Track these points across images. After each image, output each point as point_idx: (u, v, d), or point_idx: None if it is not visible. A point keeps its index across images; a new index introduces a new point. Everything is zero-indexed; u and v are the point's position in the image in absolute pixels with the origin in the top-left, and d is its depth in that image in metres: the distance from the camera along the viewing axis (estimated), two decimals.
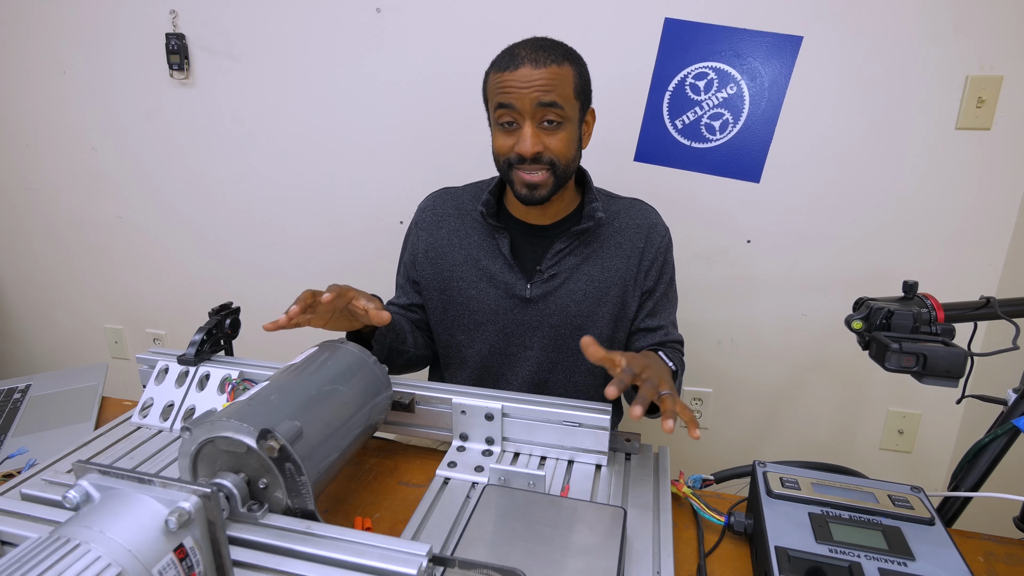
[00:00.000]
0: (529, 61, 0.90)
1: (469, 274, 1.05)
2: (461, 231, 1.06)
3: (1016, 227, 1.39)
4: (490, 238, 1.04)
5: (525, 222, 1.05)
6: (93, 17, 1.71)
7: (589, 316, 1.03)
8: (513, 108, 0.91)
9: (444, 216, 1.08)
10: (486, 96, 0.98)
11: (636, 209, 1.07)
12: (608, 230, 1.04)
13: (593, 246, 1.03)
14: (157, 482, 0.49)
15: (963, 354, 0.73)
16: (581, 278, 1.02)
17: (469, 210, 1.07)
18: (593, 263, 1.03)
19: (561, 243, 1.02)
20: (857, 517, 0.65)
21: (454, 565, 0.52)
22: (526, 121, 0.92)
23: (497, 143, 0.96)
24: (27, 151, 1.91)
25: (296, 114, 1.68)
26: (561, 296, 1.02)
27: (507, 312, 1.04)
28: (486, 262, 1.04)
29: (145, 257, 1.95)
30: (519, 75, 0.90)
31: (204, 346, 0.91)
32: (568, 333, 1.04)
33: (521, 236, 1.05)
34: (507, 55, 0.93)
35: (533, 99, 0.90)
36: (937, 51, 1.32)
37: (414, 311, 1.14)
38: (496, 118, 0.94)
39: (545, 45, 0.93)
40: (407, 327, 1.09)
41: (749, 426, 1.69)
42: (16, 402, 1.02)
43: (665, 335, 1.07)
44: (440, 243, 1.07)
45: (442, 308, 1.08)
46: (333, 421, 0.67)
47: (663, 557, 0.64)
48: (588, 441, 0.80)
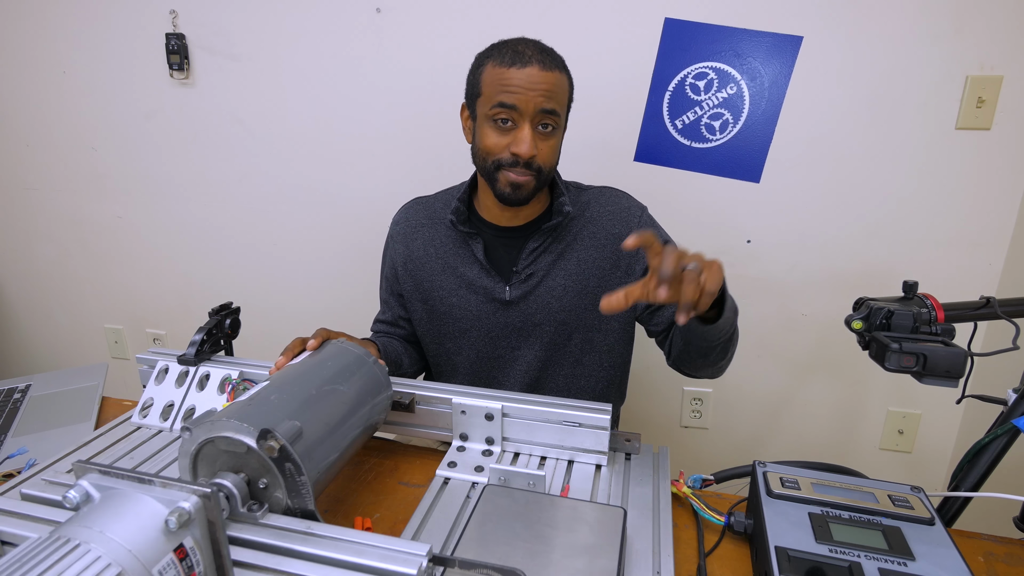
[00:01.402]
0: (537, 62, 0.89)
1: (448, 282, 1.04)
2: (436, 240, 1.05)
3: (1016, 227, 1.39)
4: (464, 245, 1.03)
5: (498, 225, 1.03)
6: (93, 17, 1.71)
7: (572, 310, 1.02)
8: (515, 109, 0.89)
9: (417, 226, 1.08)
10: (479, 89, 0.94)
11: (606, 197, 1.05)
12: (580, 222, 1.03)
13: (567, 240, 1.02)
14: (157, 482, 0.49)
15: (963, 354, 0.73)
16: (559, 274, 1.01)
17: (441, 218, 1.06)
18: (569, 258, 1.02)
19: (534, 242, 1.01)
20: (857, 517, 0.65)
21: (454, 565, 0.52)
22: (525, 123, 0.90)
23: (489, 141, 0.93)
24: (27, 151, 1.91)
25: (296, 114, 1.68)
26: (541, 294, 1.02)
27: (490, 316, 1.03)
28: (463, 269, 1.03)
29: (145, 257, 1.95)
30: (527, 74, 0.88)
31: (204, 346, 0.91)
32: (554, 330, 1.03)
33: (495, 239, 1.03)
34: (511, 52, 0.90)
35: (537, 104, 0.89)
36: (937, 51, 1.32)
37: (401, 326, 1.13)
38: (491, 115, 0.91)
39: (547, 50, 0.92)
40: (400, 348, 1.10)
41: (749, 426, 1.69)
42: (16, 402, 1.02)
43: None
44: (416, 254, 1.06)
45: (427, 318, 1.08)
46: (333, 421, 0.67)
47: (663, 557, 0.64)
48: (588, 441, 0.80)
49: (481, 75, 0.94)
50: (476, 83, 0.95)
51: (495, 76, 0.91)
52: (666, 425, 1.74)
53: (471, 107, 0.98)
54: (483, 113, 0.93)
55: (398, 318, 1.13)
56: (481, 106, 0.94)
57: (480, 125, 0.95)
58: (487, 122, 0.93)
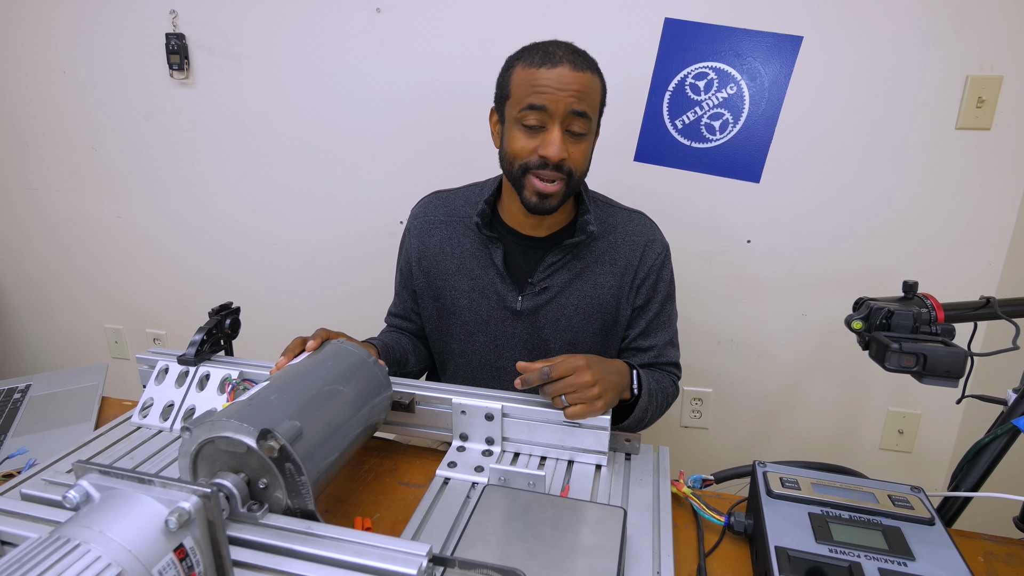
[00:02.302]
0: (568, 62, 0.86)
1: (461, 283, 1.03)
2: (453, 239, 1.04)
3: (1016, 227, 1.39)
4: (483, 248, 1.01)
5: (520, 232, 1.02)
6: (93, 17, 1.71)
7: (579, 331, 1.01)
8: (545, 110, 0.86)
9: (435, 223, 1.06)
10: (508, 91, 0.91)
11: (634, 223, 1.04)
12: (603, 244, 1.01)
13: (586, 260, 1.00)
14: (157, 482, 0.49)
15: (963, 354, 0.73)
16: (573, 293, 1.00)
17: (462, 216, 1.04)
18: (586, 279, 1.00)
19: (553, 256, 0.99)
20: (857, 517, 0.65)
21: (454, 565, 0.52)
22: (555, 125, 0.87)
23: (516, 144, 0.90)
24: (27, 151, 1.91)
25: (296, 114, 1.68)
26: (551, 311, 1.00)
27: (498, 324, 1.03)
28: (479, 272, 1.02)
29: (145, 257, 1.95)
30: (557, 74, 0.85)
31: (204, 346, 0.91)
32: (558, 348, 1.02)
33: (515, 247, 1.02)
34: (542, 52, 0.88)
35: (568, 104, 0.86)
36: (937, 51, 1.32)
37: (412, 320, 1.13)
38: (520, 118, 0.89)
39: (579, 51, 0.90)
40: (408, 346, 1.09)
41: (749, 426, 1.69)
42: (16, 402, 1.02)
43: (656, 356, 1.03)
44: (432, 251, 1.05)
45: (436, 316, 1.08)
46: (333, 421, 0.67)
47: (663, 557, 0.64)
48: (588, 441, 0.80)
49: (510, 77, 0.91)
50: (505, 85, 0.92)
51: (524, 77, 0.88)
52: (666, 425, 1.74)
53: (500, 110, 0.95)
54: (512, 116, 0.91)
55: (409, 311, 1.12)
56: (510, 109, 0.91)
57: (508, 128, 0.92)
58: (515, 125, 0.90)
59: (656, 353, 1.03)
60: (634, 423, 0.92)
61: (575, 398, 0.77)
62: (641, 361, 1.03)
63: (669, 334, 1.05)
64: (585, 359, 0.79)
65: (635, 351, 1.04)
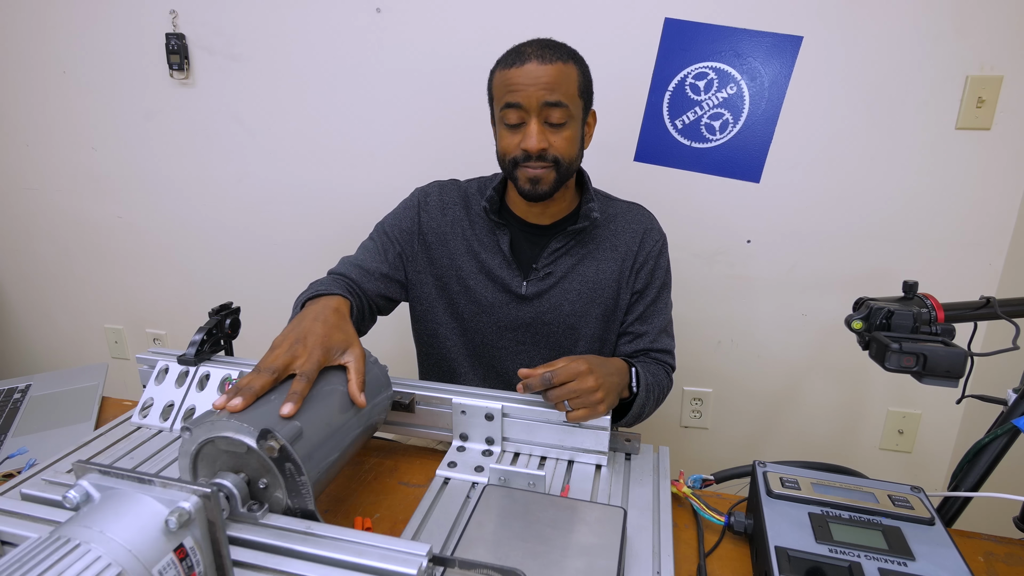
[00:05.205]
0: (535, 57, 0.91)
1: (468, 265, 1.05)
2: (464, 222, 1.07)
3: (1016, 227, 1.39)
4: (491, 234, 1.05)
5: (526, 220, 1.05)
6: (93, 17, 1.71)
7: (582, 316, 1.04)
8: (520, 107, 0.92)
9: (450, 204, 1.08)
10: (492, 95, 0.99)
11: (633, 213, 1.08)
12: (604, 232, 1.05)
13: (589, 247, 1.04)
14: (157, 482, 0.49)
15: (963, 354, 0.73)
16: (576, 278, 1.03)
17: (473, 203, 1.08)
18: (588, 264, 1.03)
19: (557, 242, 1.02)
20: (857, 517, 0.65)
21: (454, 565, 0.52)
22: (532, 118, 0.92)
23: (503, 143, 0.97)
24: (27, 151, 1.91)
25: (296, 114, 1.68)
26: (555, 295, 1.03)
27: (502, 307, 1.05)
28: (485, 256, 1.04)
29: (145, 257, 1.95)
30: (525, 71, 0.91)
31: (204, 346, 0.91)
32: (560, 332, 1.05)
33: (521, 234, 1.05)
34: (513, 53, 0.94)
35: (539, 97, 0.91)
36: (937, 51, 1.32)
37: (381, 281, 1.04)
38: (502, 118, 0.95)
39: (550, 44, 0.94)
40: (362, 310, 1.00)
41: (749, 426, 1.69)
42: (16, 402, 1.02)
43: (651, 342, 1.05)
44: (443, 230, 1.07)
45: (436, 294, 1.07)
46: (333, 421, 0.67)
47: (663, 557, 0.64)
48: (588, 441, 0.80)
49: (492, 82, 0.98)
50: (490, 90, 0.99)
51: (500, 79, 0.94)
52: (666, 425, 1.74)
53: (491, 114, 1.02)
54: (497, 117, 0.97)
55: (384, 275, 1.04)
56: (495, 110, 0.98)
57: (497, 128, 0.99)
58: (501, 125, 0.97)
59: (651, 339, 1.05)
60: (631, 419, 0.95)
61: (578, 403, 0.78)
62: (637, 347, 1.05)
63: (664, 321, 1.08)
64: (587, 363, 0.80)
65: (632, 336, 1.06)
